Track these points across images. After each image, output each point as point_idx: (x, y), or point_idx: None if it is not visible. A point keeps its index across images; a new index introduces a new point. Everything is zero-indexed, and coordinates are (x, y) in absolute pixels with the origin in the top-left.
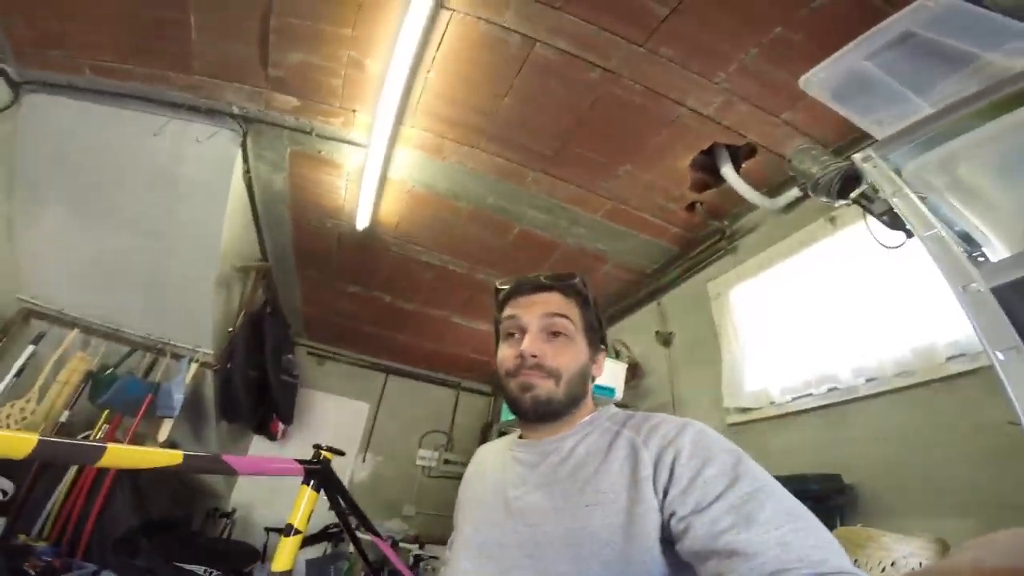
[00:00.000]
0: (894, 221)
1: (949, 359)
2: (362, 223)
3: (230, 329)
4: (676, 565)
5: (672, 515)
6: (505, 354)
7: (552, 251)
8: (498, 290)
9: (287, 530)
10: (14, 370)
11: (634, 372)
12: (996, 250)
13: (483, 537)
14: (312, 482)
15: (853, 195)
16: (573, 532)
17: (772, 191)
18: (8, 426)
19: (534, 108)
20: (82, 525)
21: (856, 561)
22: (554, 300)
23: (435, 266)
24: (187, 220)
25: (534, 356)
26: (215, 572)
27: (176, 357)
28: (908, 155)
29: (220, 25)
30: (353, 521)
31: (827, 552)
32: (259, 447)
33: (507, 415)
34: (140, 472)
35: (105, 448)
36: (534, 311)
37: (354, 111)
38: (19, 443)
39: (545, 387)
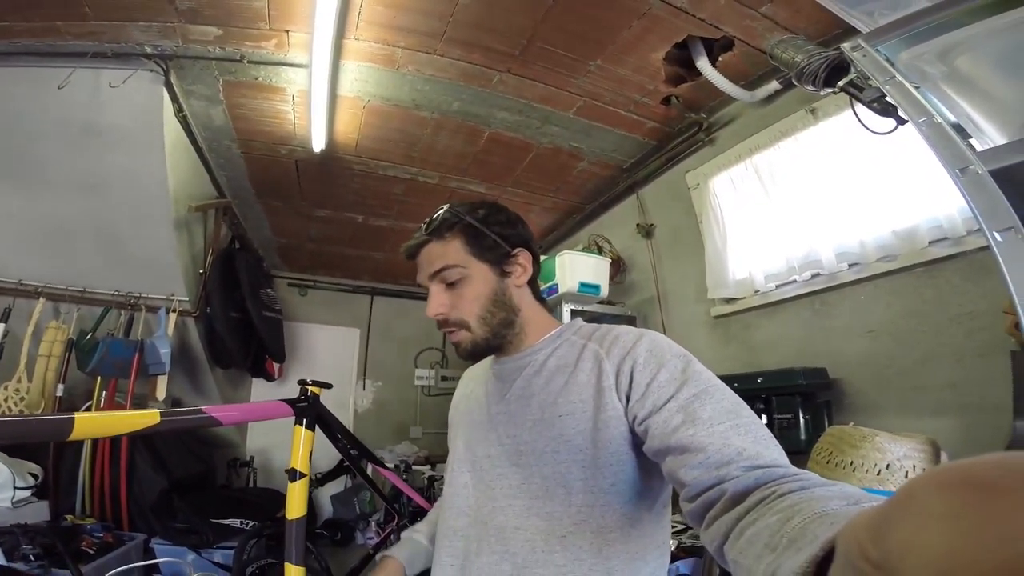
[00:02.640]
0: (884, 108)
1: (931, 243)
2: (318, 145)
3: (201, 272)
4: (646, 470)
5: (635, 419)
6: None
7: (525, 152)
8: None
9: (292, 475)
10: None
11: (618, 267)
12: (987, 140)
13: (474, 451)
14: (304, 420)
15: (841, 83)
16: (551, 440)
17: (750, 85)
18: (9, 408)
19: (493, 5)
20: (117, 495)
21: (851, 463)
22: (432, 253)
23: (404, 179)
24: (123, 169)
25: (437, 316)
26: (250, 523)
27: (152, 310)
28: (901, 45)
29: None
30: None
31: (761, 447)
32: (260, 389)
33: None
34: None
35: (73, 419)
36: (424, 274)
37: (287, 31)
38: None
39: (462, 337)
